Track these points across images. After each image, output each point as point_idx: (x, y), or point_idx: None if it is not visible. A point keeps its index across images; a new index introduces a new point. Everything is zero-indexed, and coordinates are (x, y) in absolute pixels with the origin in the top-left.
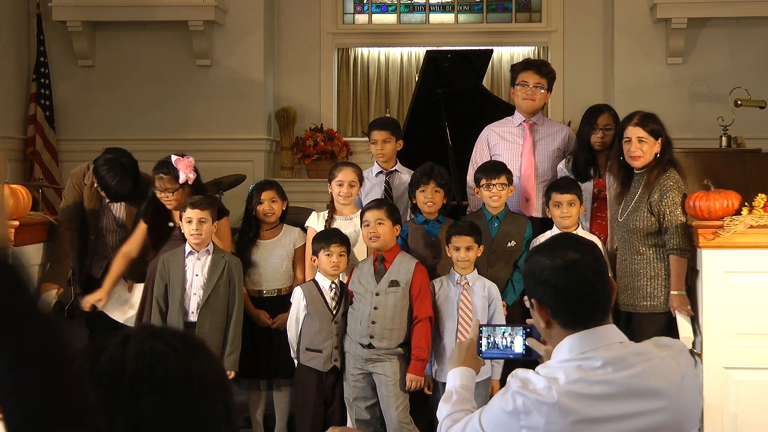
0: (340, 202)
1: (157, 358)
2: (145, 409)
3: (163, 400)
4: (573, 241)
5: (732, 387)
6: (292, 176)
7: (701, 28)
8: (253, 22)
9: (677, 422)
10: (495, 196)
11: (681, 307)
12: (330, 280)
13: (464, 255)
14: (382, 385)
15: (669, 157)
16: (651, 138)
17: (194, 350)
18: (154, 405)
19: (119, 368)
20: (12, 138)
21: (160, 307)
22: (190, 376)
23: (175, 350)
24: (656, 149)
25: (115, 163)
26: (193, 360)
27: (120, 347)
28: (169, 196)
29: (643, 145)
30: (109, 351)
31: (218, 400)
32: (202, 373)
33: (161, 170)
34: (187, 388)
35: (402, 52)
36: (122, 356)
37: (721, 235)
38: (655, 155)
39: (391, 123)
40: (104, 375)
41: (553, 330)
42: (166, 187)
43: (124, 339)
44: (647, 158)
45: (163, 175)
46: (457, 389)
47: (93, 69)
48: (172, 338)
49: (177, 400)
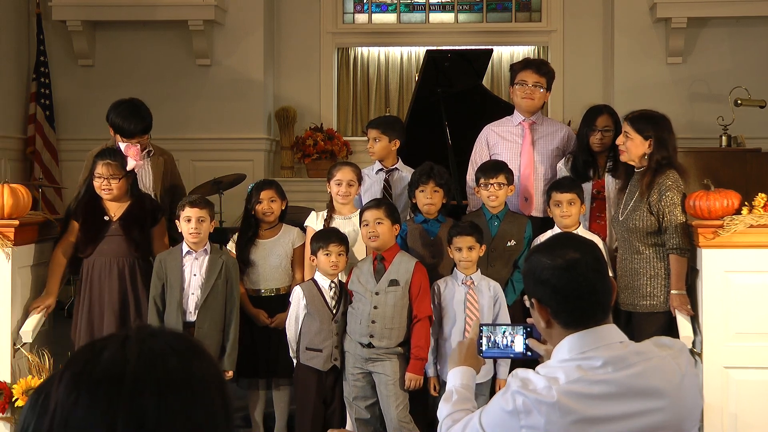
0: (338, 201)
1: (158, 358)
2: (148, 410)
3: (165, 401)
4: (573, 240)
5: (732, 387)
6: (292, 176)
7: (701, 27)
8: (253, 21)
9: (677, 422)
10: (492, 195)
11: (681, 307)
12: (329, 279)
13: (466, 255)
14: (382, 384)
15: (664, 160)
16: (638, 136)
17: (193, 351)
18: (157, 405)
19: (120, 368)
20: (12, 138)
21: (158, 307)
22: (191, 376)
23: (175, 350)
24: (645, 149)
25: (126, 101)
26: (193, 360)
27: (120, 347)
28: (111, 184)
29: (627, 140)
30: (108, 351)
31: (218, 402)
32: (202, 373)
33: (108, 156)
34: (189, 388)
35: (402, 52)
36: (123, 356)
37: (721, 235)
38: (644, 155)
39: (383, 122)
40: (104, 375)
41: (553, 330)
42: (111, 173)
43: (123, 339)
44: (631, 155)
45: (111, 161)
46: (458, 389)
47: (93, 69)
48: (172, 338)
49: (179, 400)
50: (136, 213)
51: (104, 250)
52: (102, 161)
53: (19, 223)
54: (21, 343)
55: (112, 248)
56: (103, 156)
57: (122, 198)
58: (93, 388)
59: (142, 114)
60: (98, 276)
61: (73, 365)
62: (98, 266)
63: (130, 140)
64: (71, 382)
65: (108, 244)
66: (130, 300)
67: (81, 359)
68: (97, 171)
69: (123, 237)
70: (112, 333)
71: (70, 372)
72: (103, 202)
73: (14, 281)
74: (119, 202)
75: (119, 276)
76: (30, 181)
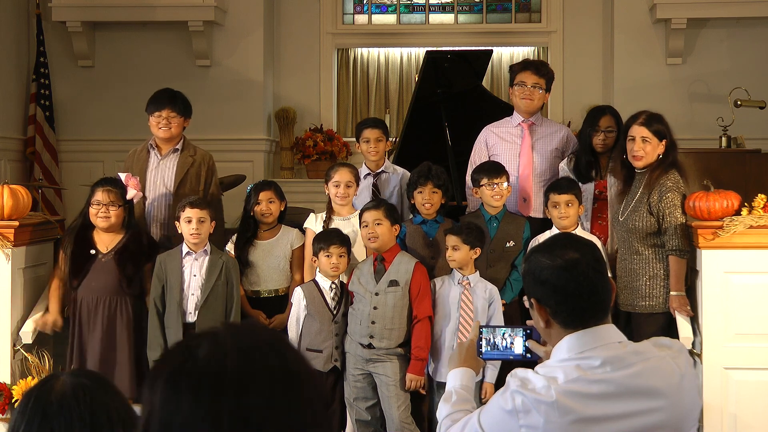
0: (337, 203)
1: (256, 354)
2: (253, 406)
3: (269, 396)
4: (573, 240)
5: (731, 387)
6: (292, 176)
7: (701, 28)
8: (253, 22)
9: (676, 422)
10: (497, 195)
11: (681, 308)
12: (330, 280)
13: (450, 254)
14: (383, 385)
15: (672, 159)
16: (655, 139)
17: (286, 346)
18: (262, 401)
19: (221, 365)
20: (12, 138)
21: (157, 308)
22: (290, 370)
23: (270, 345)
24: (660, 150)
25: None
26: (287, 354)
27: (215, 344)
28: (110, 211)
29: (646, 145)
30: (204, 349)
31: (315, 392)
32: (298, 366)
33: (108, 183)
34: (289, 382)
35: (402, 53)
36: (222, 353)
37: (721, 236)
38: (658, 156)
39: (381, 122)
40: (204, 373)
41: (552, 329)
42: (111, 200)
43: (213, 335)
44: (649, 159)
45: (111, 188)
46: (457, 389)
47: (93, 69)
48: (262, 334)
49: (282, 395)
50: (133, 248)
51: (92, 287)
52: (101, 188)
53: (19, 224)
54: (21, 344)
55: (101, 284)
56: (103, 183)
57: (117, 229)
58: (195, 388)
59: (174, 93)
60: (86, 313)
61: (168, 366)
62: (86, 303)
63: (160, 112)
64: (170, 384)
65: (96, 279)
66: (116, 340)
67: (176, 359)
68: (96, 198)
69: (116, 271)
70: (200, 331)
71: (165, 373)
72: (93, 235)
73: (14, 282)
74: (113, 233)
75: (107, 315)
76: (30, 181)
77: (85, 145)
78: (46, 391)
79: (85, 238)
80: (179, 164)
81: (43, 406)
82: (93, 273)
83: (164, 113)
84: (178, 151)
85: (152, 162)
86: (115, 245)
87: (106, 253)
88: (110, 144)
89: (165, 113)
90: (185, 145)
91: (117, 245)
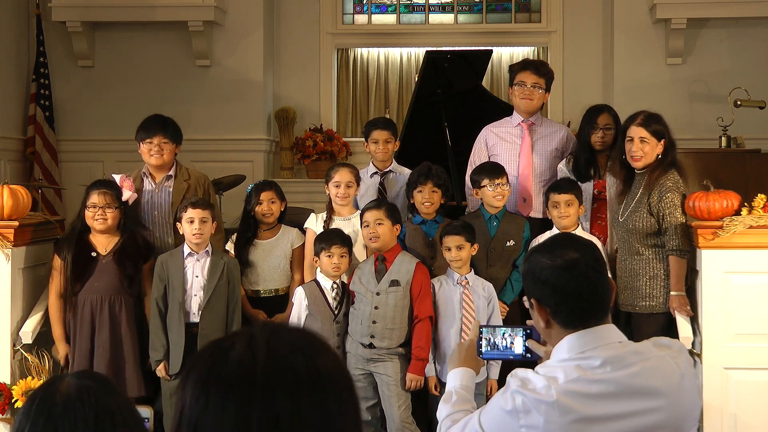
0: (337, 203)
1: (286, 358)
2: (281, 410)
3: (297, 400)
4: (573, 240)
5: (731, 387)
6: (292, 177)
7: (701, 28)
8: (252, 22)
9: (675, 422)
10: (499, 195)
11: (681, 308)
12: (331, 280)
13: (455, 254)
14: (384, 385)
15: (671, 159)
16: (653, 139)
17: (318, 349)
18: (290, 405)
19: (250, 369)
20: (12, 138)
21: (159, 309)
22: (319, 374)
23: (301, 349)
24: (658, 150)
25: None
26: (317, 358)
27: (247, 347)
28: (106, 214)
29: (644, 145)
30: (235, 351)
31: (346, 396)
32: (329, 370)
33: (103, 186)
34: (319, 386)
35: (401, 53)
36: (251, 356)
37: (721, 236)
38: (657, 156)
39: (391, 123)
40: (234, 376)
41: (552, 329)
42: (106, 202)
43: (249, 337)
44: (648, 159)
45: (107, 190)
46: (457, 389)
47: (93, 69)
48: (296, 337)
49: (310, 398)
50: (130, 249)
51: (96, 287)
52: (97, 191)
53: (19, 224)
54: (21, 344)
55: (104, 285)
56: (98, 186)
57: (113, 231)
58: (224, 390)
59: (164, 119)
60: (91, 314)
61: (199, 367)
62: (90, 304)
63: (151, 139)
64: (199, 385)
65: (99, 280)
66: (122, 339)
67: (207, 360)
68: (91, 201)
69: (116, 272)
70: (237, 331)
71: (196, 373)
72: (91, 238)
73: (14, 282)
74: (109, 236)
75: (111, 315)
76: (30, 182)
77: (84, 145)
78: (50, 392)
79: (83, 241)
80: (174, 191)
81: (47, 407)
82: (96, 274)
83: (155, 140)
84: (172, 178)
85: (146, 192)
86: (113, 246)
87: (105, 254)
88: (110, 144)
89: (156, 140)
90: (178, 171)
91: (115, 246)
